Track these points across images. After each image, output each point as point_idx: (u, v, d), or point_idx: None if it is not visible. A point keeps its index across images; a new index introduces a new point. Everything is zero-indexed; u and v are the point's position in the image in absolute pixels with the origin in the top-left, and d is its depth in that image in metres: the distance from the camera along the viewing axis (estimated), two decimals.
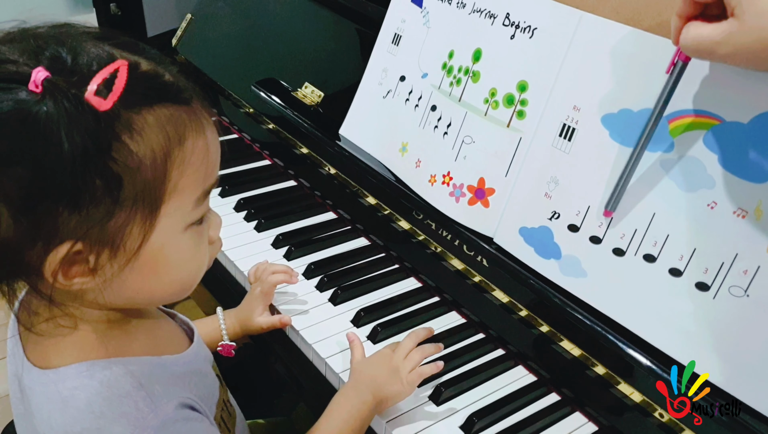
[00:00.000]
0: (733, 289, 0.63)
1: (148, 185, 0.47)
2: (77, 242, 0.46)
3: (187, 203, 0.51)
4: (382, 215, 0.98)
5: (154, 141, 0.47)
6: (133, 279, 0.51)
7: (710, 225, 0.64)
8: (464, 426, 0.73)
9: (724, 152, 0.64)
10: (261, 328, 0.85)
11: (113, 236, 0.47)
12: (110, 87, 0.44)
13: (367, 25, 1.04)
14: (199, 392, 0.59)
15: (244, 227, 1.04)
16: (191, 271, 0.55)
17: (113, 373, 0.52)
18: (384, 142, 0.96)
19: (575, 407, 0.77)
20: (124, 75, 0.45)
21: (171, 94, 0.48)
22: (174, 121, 0.48)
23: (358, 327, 0.85)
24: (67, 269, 0.47)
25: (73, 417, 0.51)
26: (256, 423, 0.92)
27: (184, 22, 1.40)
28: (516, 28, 0.80)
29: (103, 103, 0.44)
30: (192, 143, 0.49)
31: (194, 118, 0.50)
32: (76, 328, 0.53)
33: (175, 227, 0.51)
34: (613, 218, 0.71)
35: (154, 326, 0.60)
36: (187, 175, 0.49)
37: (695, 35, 0.56)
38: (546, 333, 0.79)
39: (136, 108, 0.46)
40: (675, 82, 0.64)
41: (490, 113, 0.82)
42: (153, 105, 0.47)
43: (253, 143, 1.26)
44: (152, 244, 0.49)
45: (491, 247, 0.82)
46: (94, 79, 0.44)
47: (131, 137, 0.45)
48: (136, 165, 0.46)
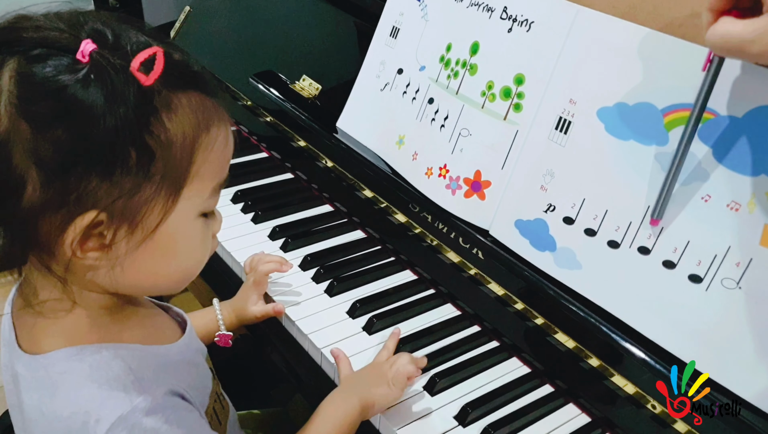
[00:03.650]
0: (725, 281, 0.63)
1: (176, 164, 0.49)
2: (102, 213, 0.47)
3: (205, 190, 0.52)
4: (378, 208, 0.99)
5: (186, 123, 0.49)
6: (142, 260, 0.51)
7: (704, 218, 0.65)
8: (458, 416, 0.74)
9: (719, 146, 0.64)
10: (255, 317, 0.85)
11: (136, 211, 0.48)
12: (151, 67, 0.46)
13: (365, 18, 1.04)
14: (191, 382, 0.59)
15: (241, 218, 1.04)
16: (195, 260, 0.56)
17: (103, 357, 0.52)
18: (381, 134, 0.96)
19: (569, 398, 0.77)
20: (162, 59, 0.47)
21: (200, 84, 0.51)
22: (203, 108, 0.50)
23: (354, 318, 0.86)
24: (83, 241, 0.48)
25: (63, 401, 0.51)
26: (252, 413, 0.92)
27: (182, 14, 1.40)
28: (513, 21, 0.80)
29: (146, 78, 0.46)
30: (216, 131, 0.52)
31: (218, 109, 0.52)
32: (71, 311, 0.53)
33: (190, 212, 0.52)
34: (608, 211, 0.71)
35: (146, 317, 0.60)
36: (209, 162, 0.51)
37: (723, 32, 0.52)
38: (540, 325, 0.79)
39: (173, 90, 0.48)
40: (713, 79, 0.61)
41: (487, 105, 0.82)
42: (187, 90, 0.49)
43: (250, 135, 1.26)
44: (168, 226, 0.50)
45: (487, 239, 0.82)
46: (137, 58, 0.46)
47: (168, 115, 0.48)
48: (169, 142, 0.48)
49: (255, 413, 0.93)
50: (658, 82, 0.68)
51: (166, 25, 1.45)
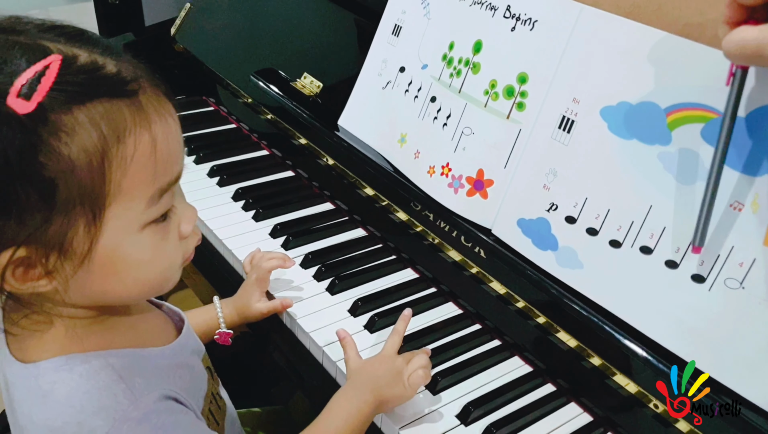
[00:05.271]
0: (728, 281, 0.63)
1: (85, 187, 0.45)
2: (19, 249, 0.45)
3: (138, 203, 0.48)
4: (380, 206, 0.99)
5: (87, 141, 0.44)
6: (93, 281, 0.49)
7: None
8: (460, 415, 0.74)
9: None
10: (262, 313, 0.85)
11: (58, 240, 0.45)
12: (36, 86, 0.42)
13: (367, 16, 1.04)
14: (184, 385, 0.58)
15: (242, 216, 1.04)
16: (159, 270, 0.53)
17: (92, 366, 0.51)
18: (383, 133, 0.96)
19: (571, 397, 0.77)
20: (54, 71, 0.43)
21: (109, 88, 0.46)
22: (111, 117, 0.45)
23: (356, 316, 0.86)
24: (22, 272, 0.47)
25: (54, 411, 0.51)
26: (252, 412, 0.92)
27: (182, 11, 1.40)
28: (517, 20, 0.80)
29: (25, 105, 0.42)
30: (134, 140, 0.46)
31: (138, 112, 0.47)
32: (52, 324, 0.52)
33: (128, 228, 0.48)
34: (610, 210, 0.71)
35: (137, 319, 0.59)
36: (132, 174, 0.46)
37: (739, 39, 0.52)
38: (542, 325, 0.79)
39: (66, 106, 0.43)
40: (738, 92, 0.59)
41: (489, 104, 0.82)
42: (86, 102, 0.44)
43: (251, 133, 1.26)
44: (105, 245, 0.48)
45: (489, 238, 0.82)
46: (18, 79, 0.42)
47: (59, 139, 0.43)
48: (68, 168, 0.44)
49: (255, 411, 0.93)
50: (661, 81, 0.68)
51: (166, 21, 1.45)
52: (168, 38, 1.40)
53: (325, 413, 0.69)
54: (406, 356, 0.74)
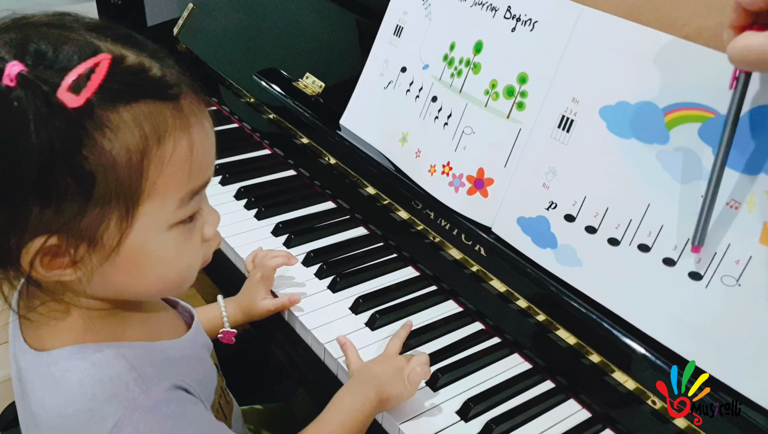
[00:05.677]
0: (725, 279, 0.64)
1: (122, 183, 0.46)
2: (51, 236, 0.46)
3: (170, 203, 0.49)
4: (381, 205, 0.99)
5: (129, 139, 0.45)
6: (115, 274, 0.51)
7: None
8: (460, 411, 0.74)
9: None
10: (269, 310, 0.86)
11: (89, 231, 0.47)
12: (86, 82, 0.43)
13: (368, 17, 1.05)
14: (196, 376, 0.59)
15: (245, 215, 1.05)
16: (179, 269, 0.54)
17: (105, 355, 0.52)
18: (384, 132, 0.97)
19: (570, 394, 0.78)
20: (104, 70, 0.44)
21: (154, 90, 0.47)
22: (154, 119, 0.47)
23: (357, 313, 0.86)
24: (49, 260, 0.48)
25: (66, 399, 0.52)
26: (254, 409, 0.93)
27: (185, 11, 1.41)
28: (517, 20, 0.81)
29: (75, 99, 0.43)
30: (173, 142, 0.48)
31: (179, 116, 0.48)
32: (69, 314, 0.54)
33: (157, 226, 0.50)
34: (608, 208, 0.72)
35: (150, 314, 0.61)
36: (167, 175, 0.48)
37: (744, 45, 0.52)
38: (542, 322, 0.80)
39: (112, 104, 0.45)
40: (741, 97, 0.60)
41: (490, 104, 0.83)
42: (132, 102, 0.46)
43: (253, 132, 1.26)
44: (133, 241, 0.49)
45: (489, 236, 0.83)
46: (70, 74, 0.43)
47: (104, 134, 0.44)
48: (109, 163, 0.45)
49: (257, 408, 0.93)
50: (659, 81, 0.69)
51: (169, 22, 1.46)
52: (171, 38, 1.41)
53: (328, 410, 0.70)
54: (406, 356, 0.77)
